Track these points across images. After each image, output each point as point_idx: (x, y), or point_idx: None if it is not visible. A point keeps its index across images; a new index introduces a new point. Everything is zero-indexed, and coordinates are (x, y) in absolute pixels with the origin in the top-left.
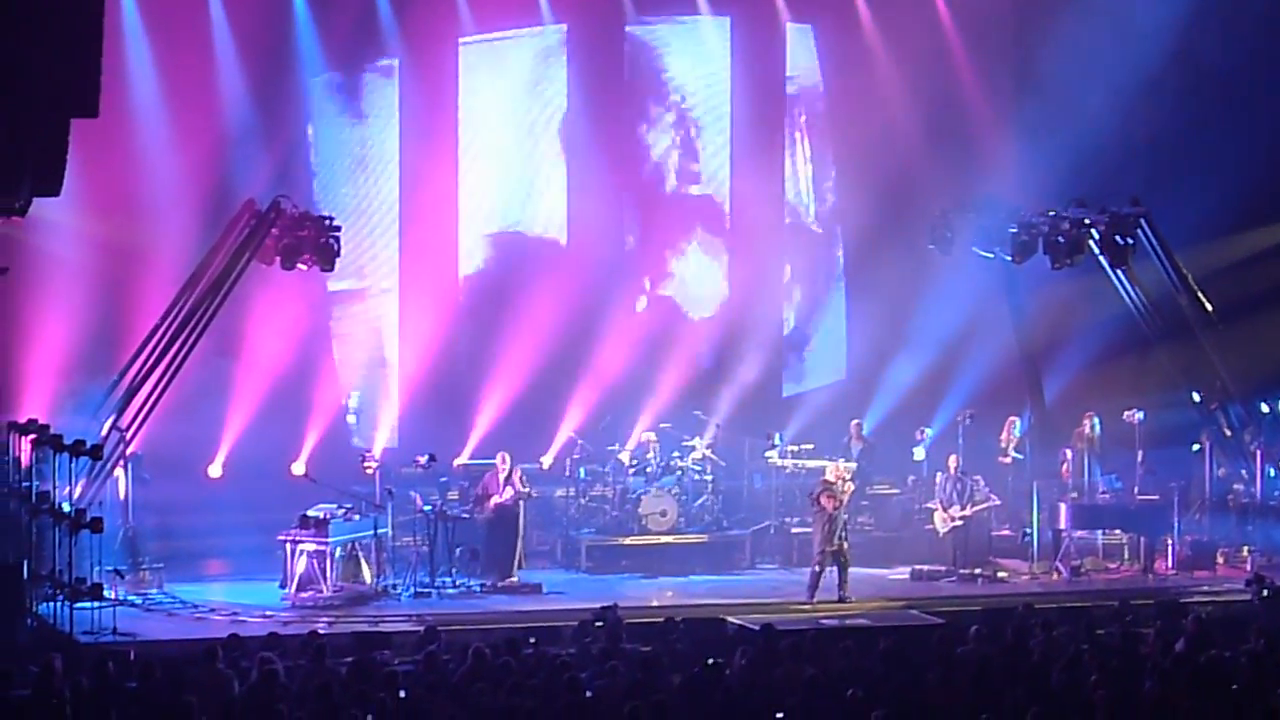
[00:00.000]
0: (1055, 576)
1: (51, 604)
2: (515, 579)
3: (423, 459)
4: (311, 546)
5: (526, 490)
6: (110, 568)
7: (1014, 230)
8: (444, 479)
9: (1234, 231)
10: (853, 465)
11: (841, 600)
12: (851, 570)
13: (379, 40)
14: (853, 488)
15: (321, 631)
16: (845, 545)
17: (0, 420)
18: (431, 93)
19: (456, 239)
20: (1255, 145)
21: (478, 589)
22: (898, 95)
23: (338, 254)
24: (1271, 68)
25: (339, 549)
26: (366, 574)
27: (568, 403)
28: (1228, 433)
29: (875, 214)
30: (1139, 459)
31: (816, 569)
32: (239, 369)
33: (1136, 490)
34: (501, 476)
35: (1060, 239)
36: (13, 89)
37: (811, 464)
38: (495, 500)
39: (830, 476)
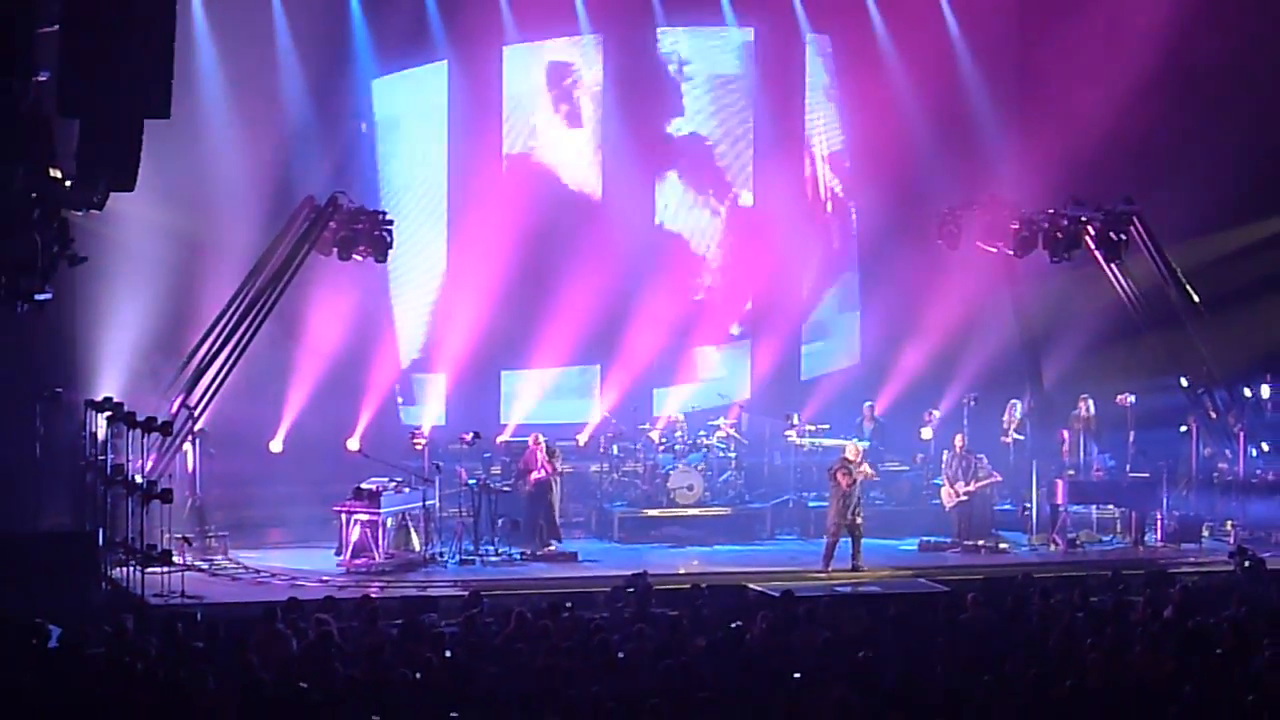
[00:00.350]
0: (1052, 548)
1: (124, 569)
2: (553, 548)
3: (468, 436)
4: (365, 517)
5: (566, 468)
6: (179, 536)
7: (1015, 226)
8: (487, 455)
9: (1221, 228)
10: (866, 444)
11: (855, 569)
12: (864, 541)
13: (429, 43)
14: (869, 469)
15: (374, 596)
16: (859, 519)
17: (78, 398)
18: (477, 93)
19: (501, 228)
20: (1243, 145)
21: (518, 557)
22: (908, 100)
23: (390, 246)
24: (1259, 71)
25: (390, 519)
26: (415, 542)
27: (603, 384)
28: (1213, 415)
29: (887, 211)
30: (1130, 439)
31: (832, 540)
32: (299, 352)
33: (1128, 468)
34: (539, 455)
35: (1058, 235)
36: (90, 93)
37: (827, 443)
38: (535, 475)
39: (850, 455)
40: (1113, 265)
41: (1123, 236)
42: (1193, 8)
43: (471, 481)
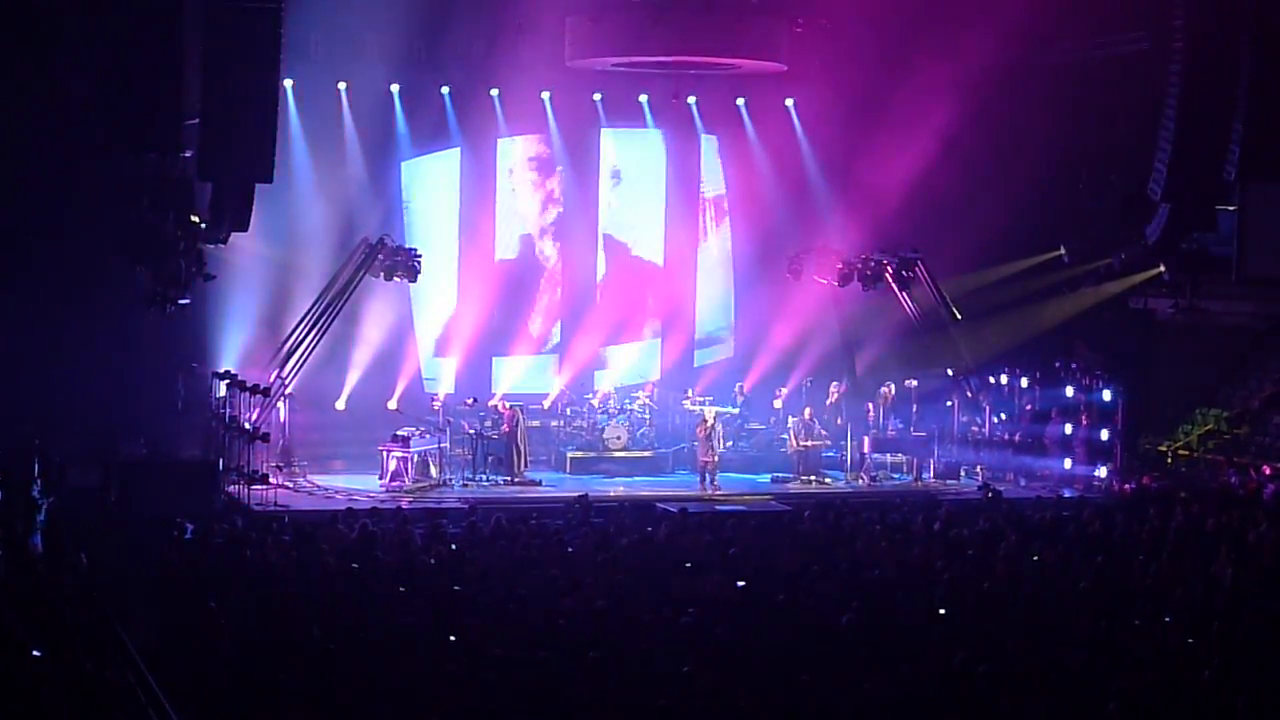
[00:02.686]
0: (860, 482)
1: (236, 486)
2: (524, 476)
3: (469, 400)
4: (399, 453)
5: (532, 423)
6: (273, 464)
7: (839, 266)
8: (482, 413)
9: (986, 265)
10: (729, 410)
11: (714, 491)
12: (732, 475)
13: (446, 134)
14: (719, 423)
15: (404, 507)
16: (715, 457)
17: (207, 371)
18: (479, 170)
19: (493, 261)
20: (1005, 204)
21: (501, 482)
22: (769, 176)
23: (419, 272)
24: (1019, 145)
25: (416, 455)
26: (433, 471)
27: (560, 367)
28: (969, 394)
29: (754, 253)
30: (914, 410)
31: (706, 469)
32: (356, 342)
33: (912, 429)
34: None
35: (868, 272)
36: (219, 165)
37: (710, 409)
38: (505, 427)
39: (706, 416)
40: (904, 293)
41: (911, 274)
42: (979, 95)
43: (471, 431)
